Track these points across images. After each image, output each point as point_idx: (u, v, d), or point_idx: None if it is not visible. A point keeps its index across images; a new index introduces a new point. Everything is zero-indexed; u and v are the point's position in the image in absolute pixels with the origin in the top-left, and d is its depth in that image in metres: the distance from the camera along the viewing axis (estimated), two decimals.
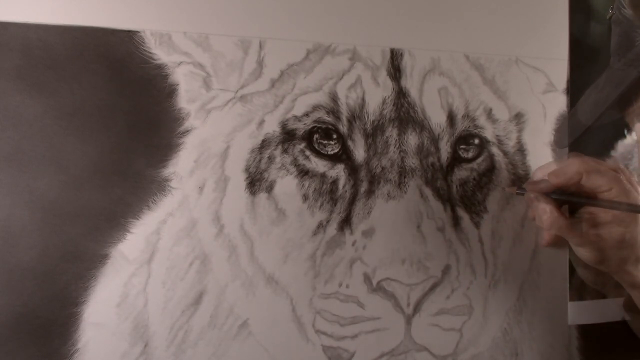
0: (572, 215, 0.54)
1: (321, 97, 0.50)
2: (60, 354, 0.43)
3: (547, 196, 0.50)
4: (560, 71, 0.59)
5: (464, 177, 0.54)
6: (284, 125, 0.49)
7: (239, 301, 0.48)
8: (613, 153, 0.61)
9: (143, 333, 0.45)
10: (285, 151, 0.49)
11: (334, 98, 0.50)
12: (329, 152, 0.50)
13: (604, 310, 0.59)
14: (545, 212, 0.49)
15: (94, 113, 0.45)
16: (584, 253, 0.50)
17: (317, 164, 0.49)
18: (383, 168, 0.51)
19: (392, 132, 0.51)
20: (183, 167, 0.46)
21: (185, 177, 0.46)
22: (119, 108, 0.45)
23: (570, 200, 0.50)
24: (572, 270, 0.59)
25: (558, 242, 0.55)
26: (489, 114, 0.55)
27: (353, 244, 0.50)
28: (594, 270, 0.49)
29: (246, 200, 0.48)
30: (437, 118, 0.53)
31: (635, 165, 0.62)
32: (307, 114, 0.49)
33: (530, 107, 0.57)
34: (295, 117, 0.49)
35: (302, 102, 0.49)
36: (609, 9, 0.56)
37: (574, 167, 0.48)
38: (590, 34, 0.60)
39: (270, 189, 0.48)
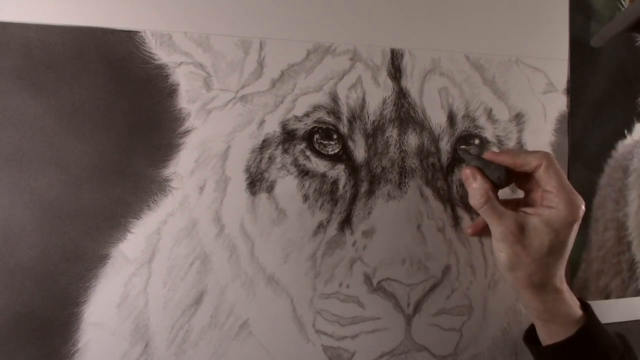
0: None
1: (322, 98, 0.50)
2: (60, 354, 0.43)
3: (485, 176, 0.46)
4: (560, 71, 0.59)
5: None
6: (284, 126, 0.49)
7: (240, 301, 0.48)
8: (613, 153, 0.62)
9: (143, 333, 0.45)
10: (285, 151, 0.49)
11: (334, 98, 0.50)
12: (329, 152, 0.50)
13: (603, 311, 0.60)
14: (480, 189, 0.45)
15: (94, 113, 0.45)
16: (500, 251, 0.45)
17: (318, 164, 0.49)
18: (383, 168, 0.51)
19: (392, 133, 0.51)
20: (183, 167, 0.46)
21: (185, 177, 0.46)
22: (119, 108, 0.45)
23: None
24: (572, 270, 0.59)
25: (484, 232, 0.50)
26: (489, 114, 0.55)
27: (353, 244, 0.50)
28: None
29: (247, 201, 0.48)
30: (437, 118, 0.53)
31: (635, 166, 0.62)
32: (307, 114, 0.49)
33: (530, 107, 0.57)
34: (296, 117, 0.49)
35: (303, 102, 0.49)
36: None
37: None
38: (590, 34, 0.60)
39: (270, 189, 0.48)
